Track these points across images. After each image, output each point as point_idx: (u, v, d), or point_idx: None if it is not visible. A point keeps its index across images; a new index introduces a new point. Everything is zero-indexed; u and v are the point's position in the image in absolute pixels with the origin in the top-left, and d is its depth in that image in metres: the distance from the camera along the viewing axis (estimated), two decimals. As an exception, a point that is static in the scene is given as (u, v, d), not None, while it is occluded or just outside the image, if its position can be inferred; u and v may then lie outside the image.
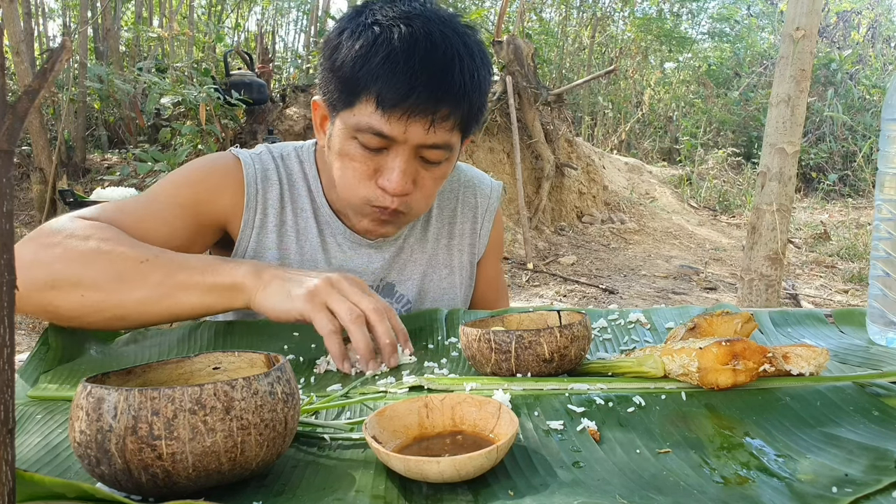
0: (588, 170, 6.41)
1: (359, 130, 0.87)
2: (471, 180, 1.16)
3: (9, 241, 0.30)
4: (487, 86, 0.92)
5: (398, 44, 0.83)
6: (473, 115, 0.90)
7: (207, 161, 1.02)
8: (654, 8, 9.82)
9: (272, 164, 1.03)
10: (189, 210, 0.95)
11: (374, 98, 0.84)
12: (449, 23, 0.88)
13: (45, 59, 0.68)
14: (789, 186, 3.02)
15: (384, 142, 0.87)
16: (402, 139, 0.86)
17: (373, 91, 0.84)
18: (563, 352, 0.69)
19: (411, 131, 0.86)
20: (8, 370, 0.31)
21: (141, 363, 0.59)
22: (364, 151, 0.89)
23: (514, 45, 5.52)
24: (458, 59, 0.85)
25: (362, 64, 0.84)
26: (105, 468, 0.46)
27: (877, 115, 8.12)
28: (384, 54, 0.83)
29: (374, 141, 0.87)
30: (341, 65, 0.86)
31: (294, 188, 1.04)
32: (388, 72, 0.83)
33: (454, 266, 1.13)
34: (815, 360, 0.68)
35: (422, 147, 0.88)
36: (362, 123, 0.86)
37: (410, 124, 0.85)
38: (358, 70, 0.84)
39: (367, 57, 0.84)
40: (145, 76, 5.57)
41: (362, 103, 0.86)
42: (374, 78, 0.83)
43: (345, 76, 0.86)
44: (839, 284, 4.77)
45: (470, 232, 1.15)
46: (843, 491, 0.47)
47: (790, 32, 2.94)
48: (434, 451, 0.55)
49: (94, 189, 4.03)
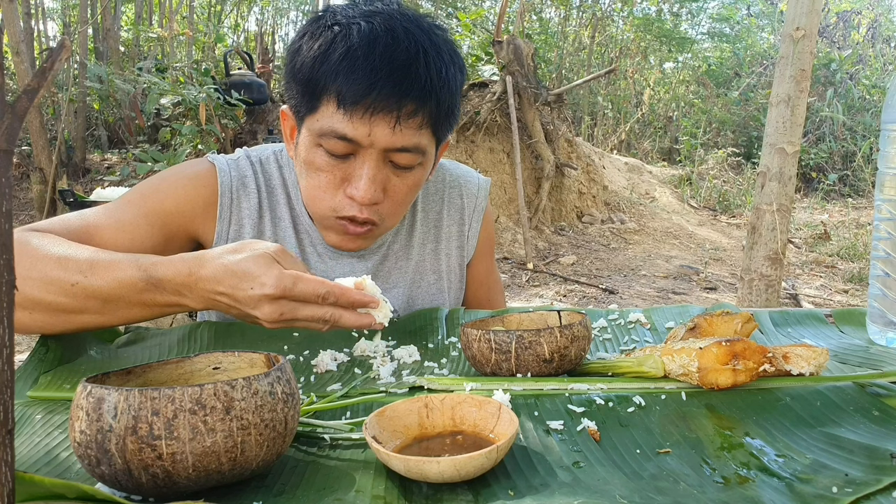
0: (588, 170, 6.41)
1: (322, 136, 0.83)
2: (456, 179, 1.11)
3: (8, 241, 0.30)
4: (457, 84, 0.87)
5: (357, 40, 0.80)
6: (443, 115, 0.85)
7: (180, 170, 0.97)
8: (654, 8, 9.81)
9: (250, 170, 0.99)
10: (155, 220, 0.91)
11: (335, 97, 0.80)
12: (414, 20, 0.84)
13: (44, 59, 0.67)
14: (789, 186, 3.02)
15: (349, 146, 0.83)
16: (367, 142, 0.82)
17: (332, 90, 0.80)
18: (564, 352, 0.69)
19: (376, 132, 0.81)
20: (7, 370, 0.31)
21: (141, 363, 0.59)
22: (330, 159, 0.85)
23: (514, 45, 5.52)
24: (423, 53, 0.81)
25: (321, 63, 0.81)
26: (105, 468, 0.46)
27: (877, 115, 8.12)
28: (342, 51, 0.80)
29: (338, 146, 0.83)
30: (300, 67, 0.83)
31: (273, 196, 1.00)
32: (348, 68, 0.79)
33: (442, 271, 1.09)
34: (815, 360, 0.68)
35: (390, 150, 0.84)
36: (325, 128, 0.82)
37: (375, 123, 0.80)
38: (317, 70, 0.81)
39: (326, 55, 0.80)
40: (145, 76, 5.57)
41: (324, 105, 0.82)
42: (334, 76, 0.80)
43: (304, 78, 0.83)
44: (839, 284, 4.77)
45: (457, 234, 1.10)
46: (844, 491, 0.47)
47: (790, 32, 2.94)
48: (434, 451, 0.55)
49: (94, 189, 4.03)
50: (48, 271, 0.74)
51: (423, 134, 0.85)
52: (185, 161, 1.03)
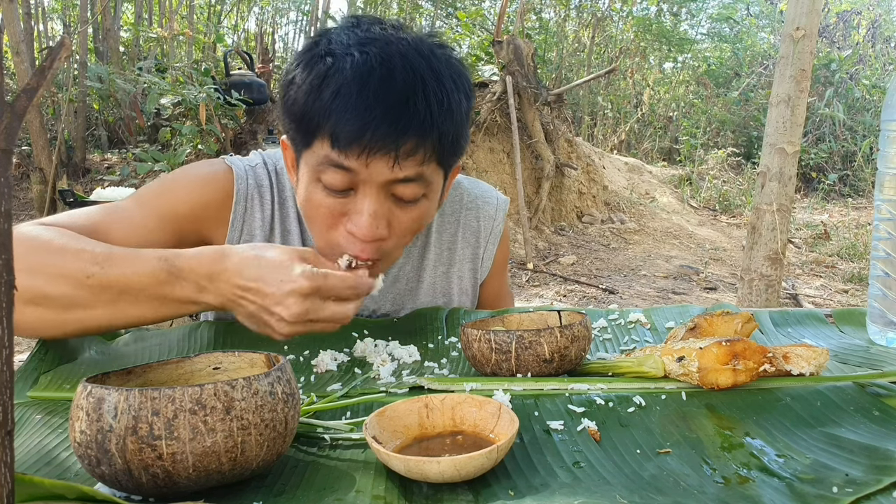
0: (588, 170, 6.41)
1: (319, 166, 0.78)
2: (474, 201, 1.06)
3: (8, 241, 0.30)
4: (462, 111, 0.81)
5: (350, 74, 0.74)
6: (448, 145, 0.79)
7: (196, 170, 0.94)
8: (654, 8, 9.81)
9: (267, 180, 0.96)
10: (167, 221, 0.89)
11: (328, 137, 0.75)
12: (414, 44, 0.78)
13: (44, 59, 0.66)
14: (789, 186, 3.02)
15: (347, 177, 0.77)
16: (365, 175, 0.77)
17: (326, 129, 0.75)
18: (564, 352, 0.69)
19: (374, 169, 0.76)
20: (7, 371, 0.31)
21: (141, 363, 0.59)
22: (329, 195, 0.80)
23: (514, 45, 5.52)
24: (422, 83, 0.75)
25: (314, 100, 0.76)
26: (105, 468, 0.46)
27: (877, 115, 8.11)
28: (335, 87, 0.74)
29: (336, 178, 0.77)
30: (294, 102, 0.78)
31: (284, 209, 0.97)
32: (340, 107, 0.74)
33: (453, 294, 1.06)
34: (816, 360, 0.68)
35: (391, 183, 0.78)
36: (321, 157, 0.77)
37: (372, 163, 0.75)
38: (310, 107, 0.76)
39: (319, 91, 0.75)
40: (145, 76, 5.57)
41: (319, 142, 0.77)
42: (326, 114, 0.74)
43: (298, 114, 0.78)
44: (839, 284, 4.77)
45: (471, 256, 1.06)
46: (844, 491, 0.47)
47: (790, 32, 2.94)
48: (434, 451, 0.55)
49: (94, 189, 4.03)
50: (62, 263, 0.72)
51: (429, 166, 0.80)
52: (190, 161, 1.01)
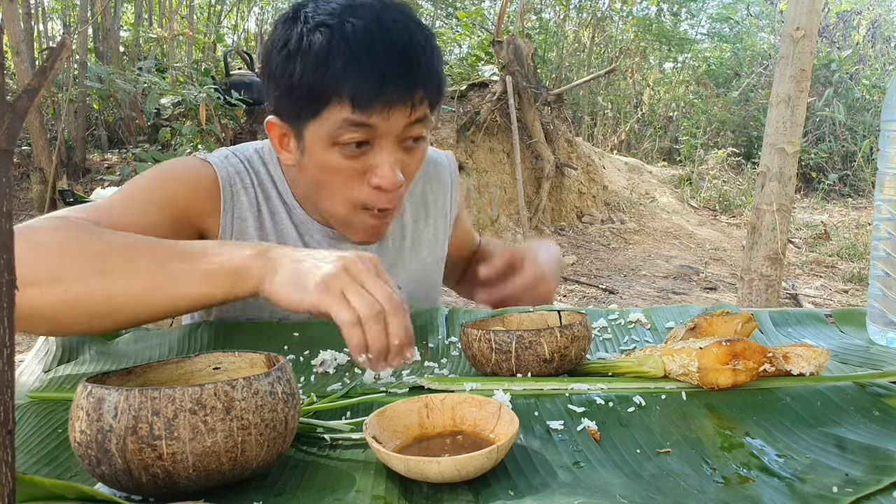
0: (588, 170, 6.41)
1: (336, 132, 0.83)
2: (431, 157, 1.15)
3: (9, 241, 0.30)
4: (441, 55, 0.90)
5: (354, 39, 0.80)
6: (441, 87, 0.89)
7: (176, 163, 0.97)
8: (654, 7, 9.81)
9: (241, 166, 0.99)
10: (165, 208, 0.90)
11: (348, 101, 0.81)
12: (389, 4, 0.86)
13: (44, 59, 0.66)
14: (789, 186, 3.02)
15: (366, 134, 0.84)
16: (383, 129, 0.84)
17: (345, 94, 0.81)
18: (564, 352, 0.69)
19: (393, 120, 0.83)
20: (8, 371, 0.31)
21: (141, 363, 0.59)
22: (346, 156, 0.85)
23: (514, 45, 5.52)
24: (413, 37, 0.83)
25: (324, 71, 0.80)
26: (105, 468, 0.46)
27: (877, 115, 8.11)
28: (345, 54, 0.80)
29: (355, 135, 0.83)
30: (301, 76, 0.82)
31: (265, 190, 1.00)
32: (356, 71, 0.80)
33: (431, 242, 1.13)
34: (816, 360, 0.68)
35: (404, 130, 0.86)
36: (338, 121, 0.82)
37: (392, 115, 0.83)
38: (321, 78, 0.81)
39: (328, 62, 0.80)
40: (145, 76, 5.57)
41: (333, 109, 0.82)
42: (343, 80, 0.80)
43: (308, 86, 0.82)
44: (839, 284, 4.77)
45: (441, 205, 1.15)
46: (844, 491, 0.47)
47: (790, 32, 2.94)
48: (434, 451, 0.55)
49: (95, 189, 4.03)
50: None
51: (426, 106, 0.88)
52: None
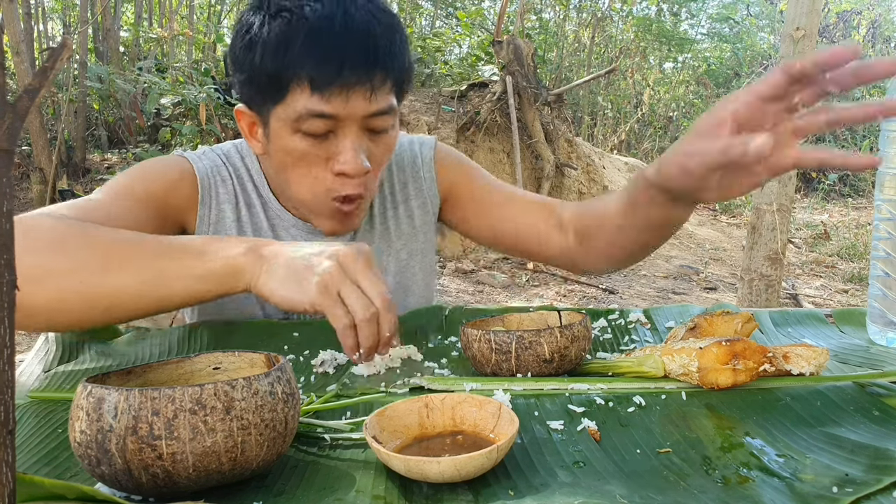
0: (588, 170, 6.41)
1: (298, 120, 0.83)
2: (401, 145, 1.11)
3: (9, 241, 0.30)
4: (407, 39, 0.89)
5: (313, 22, 0.81)
6: (406, 73, 0.88)
7: (155, 161, 0.99)
8: (654, 7, 9.81)
9: (219, 160, 1.01)
10: (147, 205, 0.90)
11: (307, 83, 0.81)
12: None
13: (45, 59, 0.67)
14: (789, 186, 3.02)
15: (329, 123, 0.83)
16: (344, 114, 0.83)
17: (303, 77, 0.81)
18: (564, 352, 0.69)
19: (353, 104, 0.83)
20: (8, 370, 0.31)
21: (141, 363, 0.59)
22: (310, 143, 0.85)
23: (514, 45, 5.51)
24: (376, 20, 0.83)
25: (284, 53, 0.81)
26: (105, 468, 0.46)
27: (877, 115, 8.09)
28: (303, 36, 0.80)
29: (317, 125, 0.83)
30: (261, 61, 0.82)
31: (242, 183, 1.01)
32: (314, 53, 0.80)
33: (407, 234, 1.08)
34: (816, 360, 0.68)
35: (367, 118, 0.85)
36: (300, 110, 0.82)
37: (351, 98, 0.82)
38: (281, 60, 0.81)
39: (287, 45, 0.81)
40: (145, 76, 5.56)
41: (294, 93, 0.82)
42: (301, 63, 0.80)
43: (268, 71, 0.82)
44: (839, 284, 4.77)
45: (415, 192, 1.09)
46: (844, 491, 0.47)
47: (790, 32, 2.94)
48: (434, 451, 0.55)
49: (94, 189, 4.02)
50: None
51: (392, 96, 0.87)
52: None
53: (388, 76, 0.84)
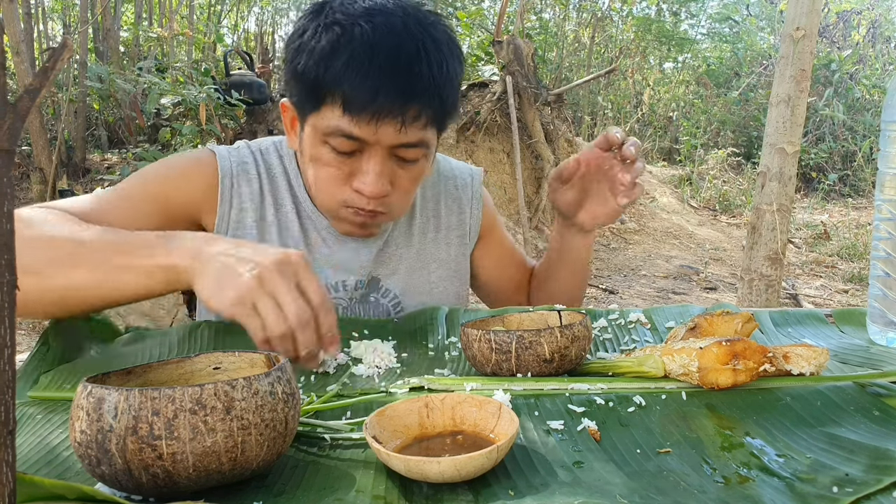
0: (588, 170, 6.40)
1: (328, 134, 0.85)
2: (451, 171, 1.14)
3: (9, 241, 0.30)
4: (459, 76, 0.88)
5: (360, 43, 0.80)
6: (447, 110, 0.87)
7: (180, 156, 1.00)
8: (654, 7, 9.80)
9: (251, 157, 1.01)
10: (157, 204, 0.92)
11: (340, 102, 0.82)
12: (414, 15, 0.85)
13: (45, 59, 0.66)
14: (789, 186, 3.02)
15: (355, 144, 0.85)
16: (373, 140, 0.84)
17: (338, 95, 0.81)
18: (564, 352, 0.69)
19: (382, 132, 0.83)
20: (8, 370, 0.31)
21: (141, 363, 0.59)
22: (336, 155, 0.86)
23: (514, 45, 5.51)
24: (425, 52, 0.82)
25: (325, 67, 0.81)
26: (105, 468, 0.46)
27: (877, 115, 8.11)
28: (347, 56, 0.80)
29: (345, 144, 0.85)
30: (304, 68, 0.83)
31: (274, 182, 1.01)
32: (353, 74, 0.80)
33: (442, 259, 1.11)
34: (816, 360, 0.68)
35: (396, 147, 0.86)
36: (331, 127, 0.84)
37: (381, 126, 0.82)
38: (322, 74, 0.82)
39: (330, 59, 0.81)
40: (145, 76, 5.56)
41: (328, 107, 0.83)
42: (338, 81, 0.81)
43: (308, 80, 0.83)
44: (839, 284, 4.77)
45: (457, 224, 1.12)
46: (844, 491, 0.47)
47: (790, 32, 2.94)
48: (434, 451, 0.55)
49: (94, 189, 4.02)
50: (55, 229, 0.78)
51: (429, 130, 0.87)
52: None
53: (424, 111, 0.83)
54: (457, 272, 1.13)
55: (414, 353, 0.83)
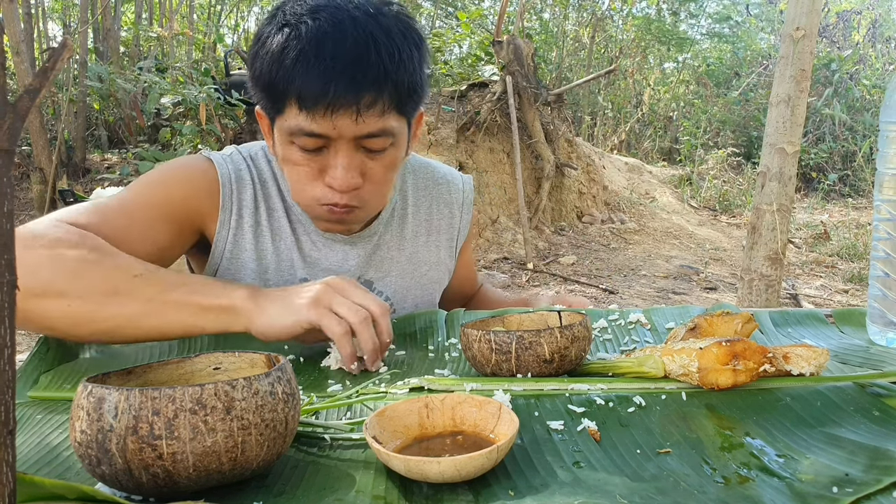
0: (588, 170, 6.41)
1: (292, 134, 0.86)
2: (444, 177, 1.17)
3: (9, 241, 0.30)
4: (415, 61, 0.87)
5: (307, 40, 0.81)
6: (405, 95, 0.86)
7: (179, 162, 1.00)
8: (653, 7, 9.80)
9: (244, 164, 1.02)
10: (165, 210, 0.93)
11: (295, 100, 0.83)
12: (361, 6, 0.85)
13: (45, 59, 0.66)
14: (789, 186, 3.02)
15: (320, 141, 0.86)
16: (334, 135, 0.85)
17: (292, 93, 0.83)
18: (564, 352, 0.69)
19: (340, 125, 0.83)
20: (9, 370, 0.31)
21: (141, 363, 0.59)
22: (304, 154, 0.87)
23: (514, 45, 5.51)
24: (373, 41, 0.82)
25: (277, 69, 0.83)
26: (106, 468, 0.46)
27: (877, 115, 8.10)
28: (295, 53, 0.81)
29: (309, 142, 0.86)
30: (261, 73, 0.85)
31: (265, 188, 1.02)
32: (302, 70, 0.81)
33: (433, 262, 1.13)
34: (816, 361, 0.68)
35: (360, 138, 0.86)
36: (293, 127, 0.85)
37: (337, 119, 0.83)
38: (276, 75, 0.83)
39: (281, 60, 0.82)
40: (145, 76, 5.57)
41: (288, 107, 0.84)
42: (291, 80, 0.82)
43: (266, 83, 0.85)
44: (839, 284, 4.77)
45: (447, 227, 1.15)
46: (844, 491, 0.47)
47: (790, 32, 2.94)
48: (434, 451, 0.55)
49: (95, 189, 4.02)
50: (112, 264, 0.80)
51: (389, 117, 0.86)
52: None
53: (379, 99, 0.83)
54: (447, 273, 1.17)
55: (414, 354, 0.83)
